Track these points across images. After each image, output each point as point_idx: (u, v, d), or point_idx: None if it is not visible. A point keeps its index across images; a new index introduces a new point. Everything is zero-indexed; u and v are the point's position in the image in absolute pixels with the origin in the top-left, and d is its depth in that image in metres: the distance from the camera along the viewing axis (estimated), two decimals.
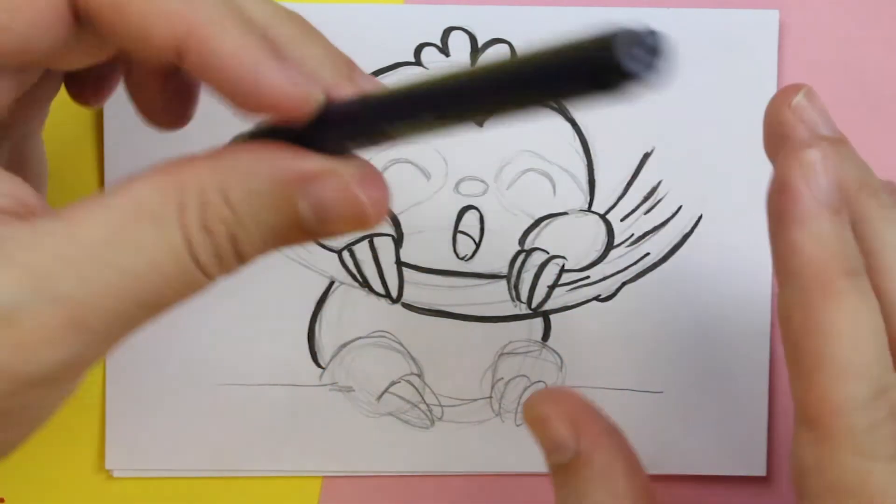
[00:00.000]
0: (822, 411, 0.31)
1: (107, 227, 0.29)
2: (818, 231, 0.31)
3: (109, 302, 0.29)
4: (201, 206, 0.29)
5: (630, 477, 0.35)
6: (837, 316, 0.31)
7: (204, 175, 0.30)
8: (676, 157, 0.43)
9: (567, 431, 0.36)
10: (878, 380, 0.31)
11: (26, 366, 0.28)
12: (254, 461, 0.44)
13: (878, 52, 0.43)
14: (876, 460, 0.31)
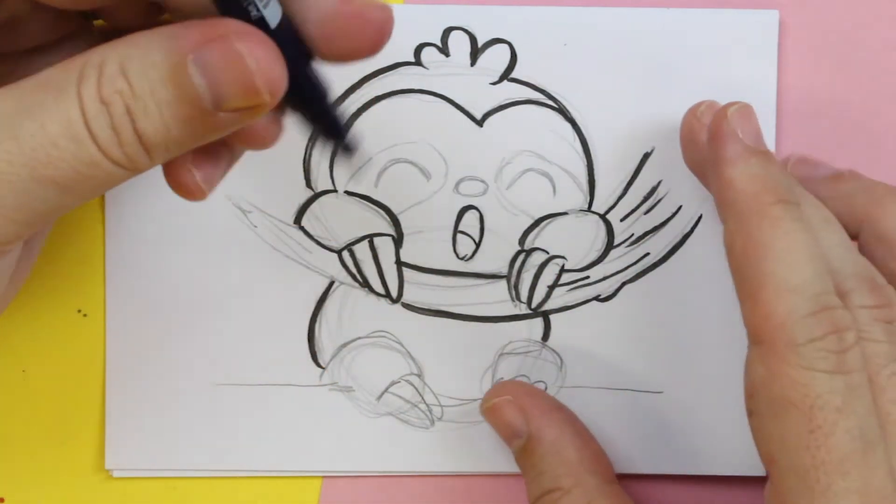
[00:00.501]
0: (766, 327, 0.34)
1: (12, 100, 0.29)
2: (749, 166, 0.36)
3: (7, 169, 0.29)
4: (98, 78, 0.29)
5: (579, 447, 0.40)
6: (774, 237, 0.35)
7: (108, 50, 0.29)
8: (676, 157, 0.43)
9: (517, 415, 0.41)
10: (817, 298, 0.34)
11: None
12: (254, 461, 0.44)
13: (877, 52, 0.43)
14: (815, 372, 0.33)
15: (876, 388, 0.35)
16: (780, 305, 0.34)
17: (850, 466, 0.33)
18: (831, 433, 0.33)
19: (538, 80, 0.43)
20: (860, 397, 0.34)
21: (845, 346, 0.34)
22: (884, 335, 0.36)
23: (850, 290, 0.36)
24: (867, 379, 0.34)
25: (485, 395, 0.43)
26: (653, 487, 0.44)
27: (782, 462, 0.34)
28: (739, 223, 0.36)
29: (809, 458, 0.33)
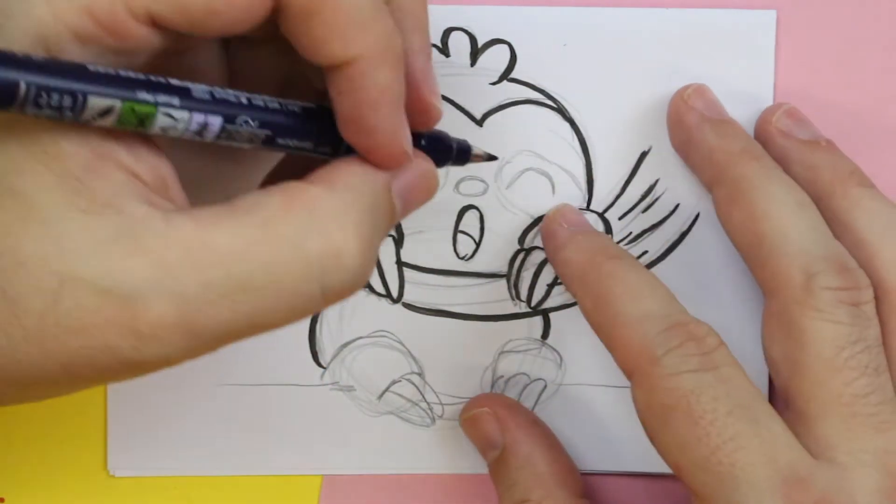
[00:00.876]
0: (630, 358, 0.37)
1: (237, 240, 0.29)
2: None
3: (224, 314, 0.29)
4: (330, 234, 0.30)
5: (551, 462, 0.41)
6: (610, 286, 0.38)
7: (327, 203, 0.31)
8: (673, 155, 0.43)
9: (494, 427, 0.42)
10: (666, 318, 0.37)
11: (132, 351, 0.29)
12: (254, 461, 0.44)
13: (875, 52, 0.43)
14: (682, 374, 0.36)
15: (831, 370, 0.36)
16: (634, 336, 0.37)
17: (743, 441, 0.35)
18: (715, 419, 0.35)
19: (537, 80, 0.43)
20: (737, 386, 0.36)
21: (707, 349, 0.36)
22: (847, 317, 0.37)
23: (817, 273, 0.37)
24: (729, 372, 0.36)
25: (464, 406, 0.43)
26: (653, 486, 0.44)
27: (685, 462, 0.35)
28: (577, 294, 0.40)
29: (704, 447, 0.35)
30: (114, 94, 0.28)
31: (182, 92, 0.30)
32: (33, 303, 0.29)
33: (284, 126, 0.32)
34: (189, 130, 0.30)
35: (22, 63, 0.27)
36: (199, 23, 0.30)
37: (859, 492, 0.35)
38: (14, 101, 0.26)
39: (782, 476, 0.35)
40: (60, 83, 0.27)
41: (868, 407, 0.36)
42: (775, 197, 0.39)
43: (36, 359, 0.29)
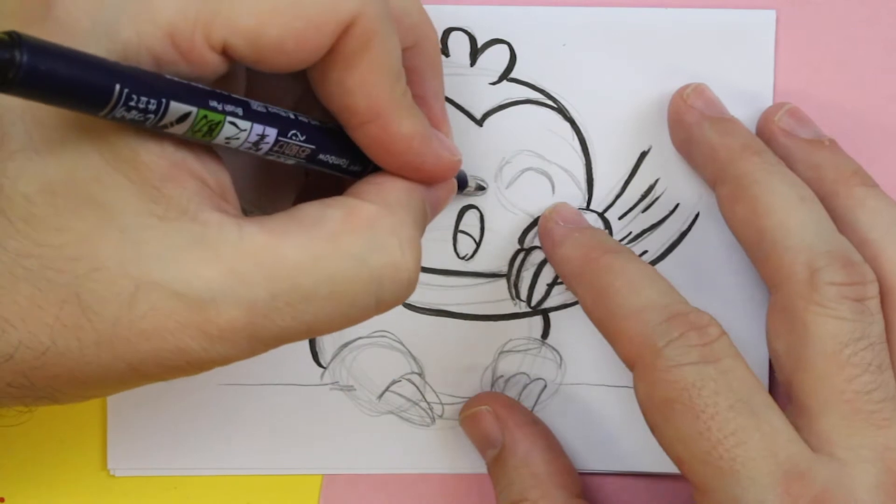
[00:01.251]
0: (631, 350, 0.37)
1: (305, 253, 0.31)
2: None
3: (286, 321, 0.31)
4: (391, 250, 0.33)
5: (549, 462, 0.41)
6: (610, 281, 0.38)
7: (385, 220, 0.33)
8: (673, 155, 0.43)
9: (494, 425, 0.42)
10: (665, 308, 0.37)
11: (201, 352, 0.30)
12: (254, 460, 0.44)
13: (875, 52, 0.43)
14: (683, 367, 0.36)
15: (834, 366, 0.36)
16: (634, 327, 0.37)
17: (744, 436, 0.35)
18: (716, 413, 0.35)
19: (537, 79, 0.43)
20: (739, 378, 0.36)
21: (709, 339, 0.36)
22: (850, 313, 0.37)
23: (820, 268, 0.37)
24: (731, 365, 0.36)
25: (464, 404, 0.43)
26: (652, 486, 0.44)
27: (686, 456, 0.36)
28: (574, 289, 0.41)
29: (705, 442, 0.35)
30: (191, 100, 0.30)
31: (244, 104, 0.31)
32: (107, 308, 0.30)
33: (326, 142, 0.34)
34: (248, 141, 0.31)
35: (115, 69, 0.28)
36: (266, 58, 0.31)
37: (858, 487, 0.35)
38: (108, 103, 0.28)
39: (783, 470, 0.35)
40: (147, 88, 0.28)
41: (870, 404, 0.36)
42: (778, 192, 0.39)
43: (105, 361, 0.30)
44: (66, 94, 0.27)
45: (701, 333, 0.36)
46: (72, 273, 0.30)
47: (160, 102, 0.29)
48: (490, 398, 0.43)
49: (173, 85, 0.29)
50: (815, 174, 0.41)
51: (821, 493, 0.35)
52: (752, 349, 0.43)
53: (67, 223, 0.30)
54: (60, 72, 0.26)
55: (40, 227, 0.30)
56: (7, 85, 0.26)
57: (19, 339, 0.30)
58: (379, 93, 0.32)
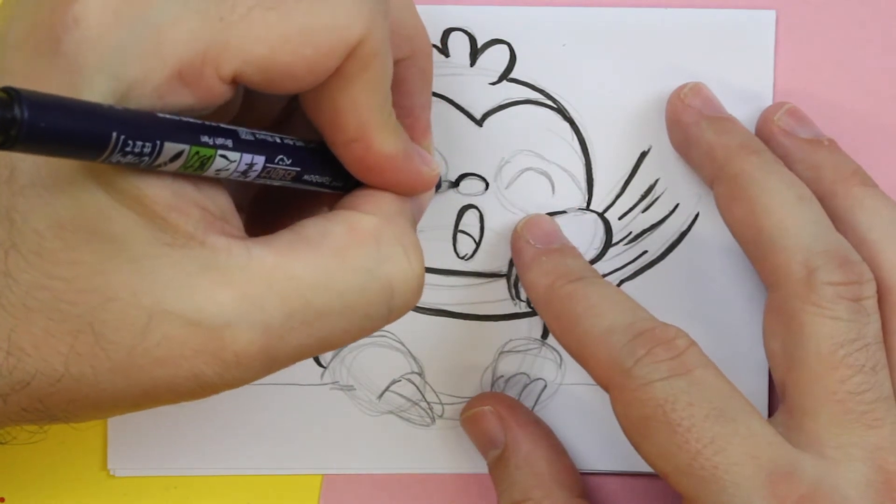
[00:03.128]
0: (602, 373, 0.37)
1: (316, 270, 0.31)
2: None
3: (301, 339, 0.31)
4: (398, 260, 0.33)
5: (551, 462, 0.41)
6: (572, 308, 0.38)
7: (388, 230, 0.33)
8: (673, 155, 0.43)
9: (496, 425, 0.42)
10: (629, 327, 0.37)
11: (216, 377, 0.30)
12: (254, 460, 0.44)
13: (874, 53, 0.43)
14: (654, 383, 0.36)
15: (827, 367, 0.36)
16: (602, 351, 0.37)
17: (723, 443, 0.35)
18: (692, 424, 0.35)
19: (537, 80, 0.43)
20: (711, 387, 0.36)
21: (677, 352, 0.36)
22: (846, 313, 0.37)
23: (817, 267, 0.37)
24: (700, 373, 0.36)
25: (465, 405, 0.43)
26: (652, 486, 0.44)
27: (669, 469, 0.36)
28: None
29: (685, 454, 0.35)
30: (183, 138, 0.30)
31: (232, 134, 0.31)
32: (121, 336, 0.30)
33: (310, 162, 0.34)
34: (237, 171, 0.31)
35: (112, 116, 0.28)
36: (276, 85, 0.31)
37: (847, 484, 0.35)
38: (105, 150, 0.28)
39: (766, 472, 0.35)
40: (142, 132, 0.29)
41: (862, 405, 0.36)
42: (776, 191, 0.39)
43: (120, 387, 0.31)
44: (64, 146, 0.27)
45: (668, 347, 0.36)
46: (85, 304, 0.30)
47: (154, 145, 0.29)
48: (492, 398, 0.43)
49: (166, 124, 0.29)
50: (814, 174, 0.41)
51: (809, 493, 0.35)
52: (751, 349, 0.43)
53: (79, 257, 0.30)
54: (59, 125, 0.27)
55: (52, 261, 0.30)
56: (10, 143, 0.26)
57: (35, 367, 0.30)
58: (368, 113, 0.33)
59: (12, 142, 0.26)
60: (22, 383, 0.31)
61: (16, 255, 0.30)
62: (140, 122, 0.29)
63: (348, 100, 0.32)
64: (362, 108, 0.32)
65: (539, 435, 0.42)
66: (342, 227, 0.33)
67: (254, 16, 0.30)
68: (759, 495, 0.34)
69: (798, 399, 0.37)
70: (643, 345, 0.36)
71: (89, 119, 0.27)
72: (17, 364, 0.30)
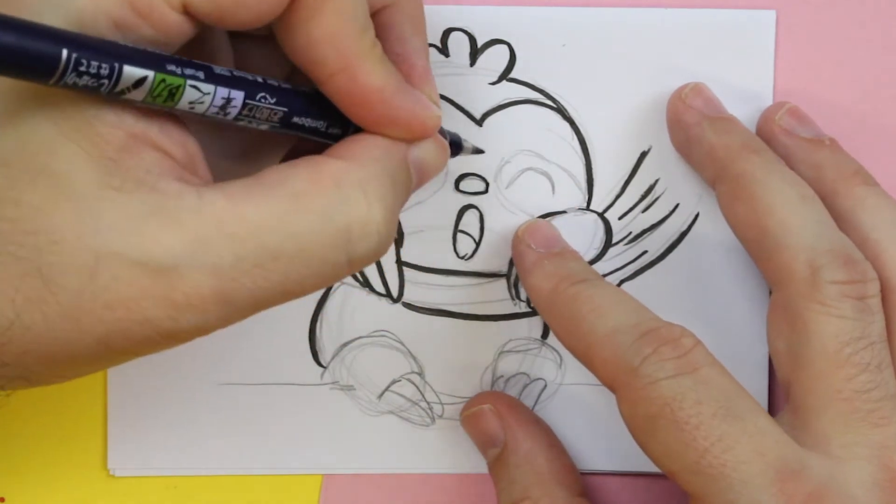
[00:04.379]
0: (608, 372, 0.37)
1: (268, 213, 0.31)
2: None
3: (257, 282, 0.31)
4: (357, 204, 0.32)
5: (551, 460, 0.41)
6: (577, 308, 0.38)
7: (352, 175, 0.32)
8: (673, 155, 0.43)
9: (496, 424, 0.42)
10: (635, 327, 0.37)
11: (169, 321, 0.30)
12: (254, 460, 0.44)
13: (874, 53, 0.43)
14: (660, 382, 0.36)
15: (833, 365, 0.36)
16: (607, 350, 0.37)
17: (731, 441, 0.35)
18: (700, 422, 0.35)
19: (537, 80, 0.43)
20: (718, 386, 0.36)
21: (683, 351, 0.36)
22: (851, 312, 0.37)
23: (822, 266, 0.37)
24: (704, 372, 0.36)
25: (465, 404, 0.43)
26: (653, 486, 0.44)
27: (677, 468, 0.36)
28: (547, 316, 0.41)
29: (693, 452, 0.35)
30: (146, 65, 0.29)
31: (205, 68, 0.31)
32: (69, 280, 0.30)
33: (299, 105, 0.33)
34: (214, 105, 0.31)
35: (62, 35, 0.28)
36: (228, 14, 0.31)
37: (853, 483, 0.35)
38: (56, 70, 0.27)
39: (774, 469, 0.35)
40: (97, 53, 0.28)
41: (868, 403, 0.36)
42: (778, 191, 0.39)
43: (72, 335, 0.30)
44: (12, 63, 0.27)
45: (674, 346, 0.36)
46: (31, 246, 0.30)
47: (112, 67, 0.28)
48: (491, 397, 0.43)
49: (127, 50, 0.29)
50: (815, 173, 0.41)
51: (816, 491, 0.35)
52: (751, 349, 0.43)
53: (22, 196, 0.30)
54: (4, 41, 0.26)
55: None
56: None
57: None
58: (346, 42, 0.32)
59: None
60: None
61: None
62: (97, 45, 0.28)
63: (322, 31, 0.32)
64: (338, 38, 0.32)
65: (539, 434, 0.42)
66: (304, 171, 0.32)
67: None
68: (767, 493, 0.34)
69: (804, 398, 0.37)
70: (649, 344, 0.36)
71: (39, 37, 0.27)
72: None
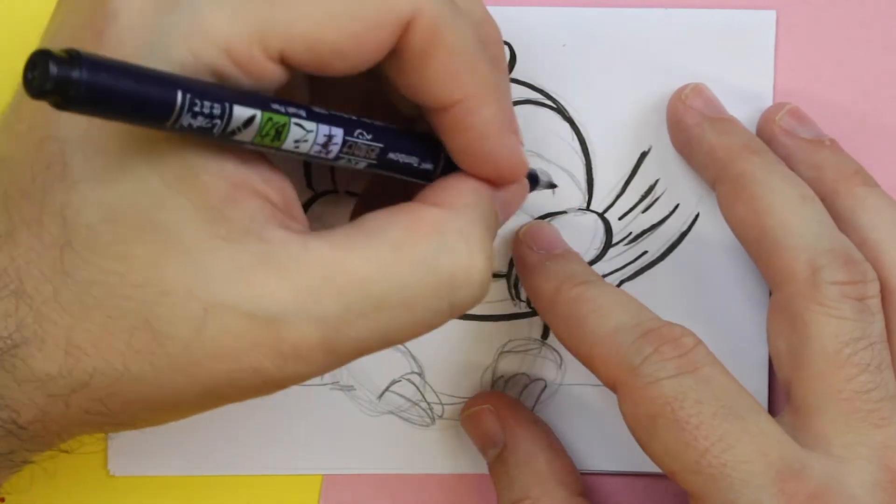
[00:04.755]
0: (610, 372, 0.37)
1: (373, 263, 0.31)
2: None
3: (360, 332, 0.31)
4: (460, 253, 0.32)
5: (550, 460, 0.41)
6: (579, 311, 0.38)
7: (452, 222, 0.33)
8: (673, 155, 0.43)
9: (495, 424, 0.42)
10: (636, 326, 0.37)
11: (275, 371, 0.31)
12: (254, 461, 0.44)
13: (874, 53, 0.43)
14: (661, 381, 0.36)
15: (833, 366, 0.36)
16: (608, 350, 0.37)
17: (732, 440, 0.35)
18: (700, 422, 0.35)
19: (537, 80, 0.43)
20: (719, 385, 0.36)
21: (684, 350, 0.36)
22: (851, 312, 0.37)
23: (822, 266, 0.37)
24: (710, 373, 0.36)
25: (465, 404, 0.44)
26: (653, 486, 0.44)
27: (677, 468, 0.36)
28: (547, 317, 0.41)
29: (693, 452, 0.35)
30: (253, 104, 0.30)
31: (305, 108, 0.31)
32: (179, 331, 0.30)
33: (393, 140, 0.34)
34: (317, 143, 0.31)
35: (175, 79, 0.28)
36: (326, 63, 0.31)
37: (854, 483, 0.35)
38: (172, 112, 0.28)
39: (775, 469, 0.35)
40: (208, 94, 0.28)
41: (868, 403, 0.36)
42: (778, 191, 0.39)
43: (179, 384, 0.31)
44: (129, 108, 0.27)
45: (675, 345, 0.36)
46: (140, 299, 0.30)
47: (223, 107, 0.29)
48: (491, 397, 0.43)
49: (233, 91, 0.29)
50: (816, 174, 0.41)
51: (816, 491, 0.35)
52: (752, 349, 0.43)
53: (131, 250, 0.30)
54: (121, 86, 0.26)
55: (105, 255, 0.30)
56: (69, 103, 0.26)
57: (94, 365, 0.30)
58: (462, 77, 0.32)
59: (71, 102, 0.26)
60: (81, 383, 0.31)
61: (70, 252, 0.30)
62: (206, 87, 0.29)
63: (435, 70, 0.32)
64: (454, 74, 0.32)
65: (538, 433, 0.42)
66: (404, 219, 0.32)
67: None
68: (768, 493, 0.34)
69: (804, 398, 0.37)
70: (650, 343, 0.36)
71: (153, 81, 0.27)
72: (76, 364, 0.31)
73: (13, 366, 0.31)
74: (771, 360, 0.43)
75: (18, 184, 0.31)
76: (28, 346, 0.31)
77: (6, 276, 0.31)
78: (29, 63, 0.26)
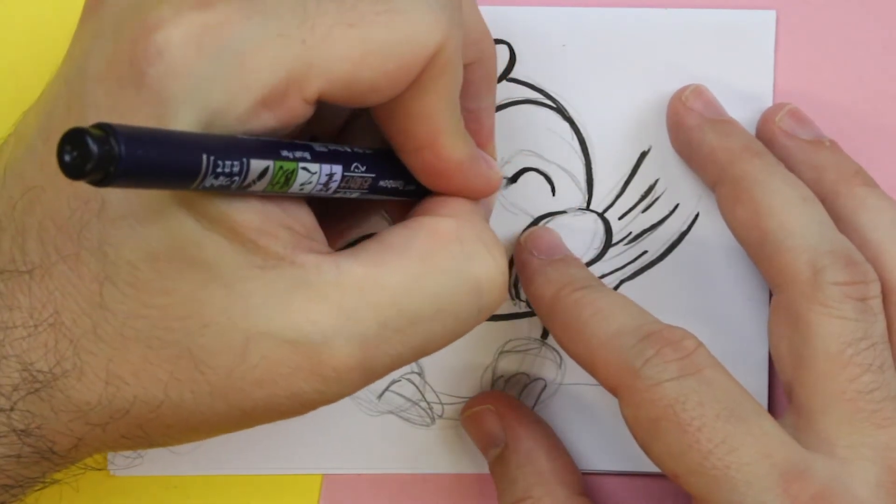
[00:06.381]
0: (612, 376, 0.37)
1: (405, 277, 0.31)
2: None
3: (396, 348, 0.31)
4: (482, 258, 0.33)
5: (552, 459, 0.41)
6: (578, 315, 0.38)
7: (468, 230, 0.33)
8: (673, 155, 0.43)
9: (496, 424, 0.42)
10: (637, 329, 0.37)
11: (316, 394, 0.31)
12: (254, 461, 0.44)
13: (874, 53, 0.43)
14: (663, 384, 0.36)
15: (836, 366, 0.36)
16: (610, 354, 0.37)
17: (735, 442, 0.35)
18: (703, 424, 0.35)
19: (537, 79, 0.43)
20: (721, 387, 0.36)
21: (685, 352, 0.36)
22: (853, 312, 0.37)
23: (823, 267, 0.37)
24: (707, 374, 0.36)
25: (465, 403, 0.44)
26: (653, 486, 0.44)
27: (680, 470, 0.36)
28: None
29: (696, 454, 0.35)
30: (266, 155, 0.30)
31: (308, 148, 0.31)
32: (220, 360, 0.31)
33: (383, 168, 0.34)
34: (319, 183, 0.32)
35: (200, 142, 0.28)
36: (358, 98, 0.31)
37: (858, 484, 0.35)
38: (198, 175, 0.28)
39: (779, 471, 0.35)
40: (229, 152, 0.29)
41: (871, 403, 0.36)
42: (779, 192, 0.39)
43: (220, 410, 0.31)
44: (159, 178, 0.27)
45: (676, 348, 0.36)
46: (182, 331, 0.30)
47: (242, 163, 0.29)
48: (492, 397, 0.43)
49: (249, 143, 0.30)
50: (816, 175, 0.41)
51: (820, 491, 0.35)
52: (752, 349, 0.43)
53: (173, 285, 0.30)
54: (154, 157, 0.26)
55: (146, 291, 0.30)
56: (109, 179, 0.26)
57: (134, 394, 0.31)
58: (439, 120, 0.33)
59: (111, 178, 0.26)
60: (121, 411, 0.31)
61: (111, 286, 0.30)
62: (226, 144, 0.29)
63: (421, 107, 0.32)
64: (434, 116, 0.33)
65: (539, 433, 0.42)
66: (424, 231, 0.33)
67: (335, 35, 0.30)
68: (772, 494, 0.34)
69: (807, 399, 0.37)
70: (652, 345, 0.36)
71: (182, 148, 0.27)
72: (116, 393, 0.31)
73: (52, 396, 0.31)
74: (771, 360, 0.43)
75: (54, 217, 0.31)
76: (67, 378, 0.31)
77: (45, 311, 0.31)
78: (64, 142, 0.25)
